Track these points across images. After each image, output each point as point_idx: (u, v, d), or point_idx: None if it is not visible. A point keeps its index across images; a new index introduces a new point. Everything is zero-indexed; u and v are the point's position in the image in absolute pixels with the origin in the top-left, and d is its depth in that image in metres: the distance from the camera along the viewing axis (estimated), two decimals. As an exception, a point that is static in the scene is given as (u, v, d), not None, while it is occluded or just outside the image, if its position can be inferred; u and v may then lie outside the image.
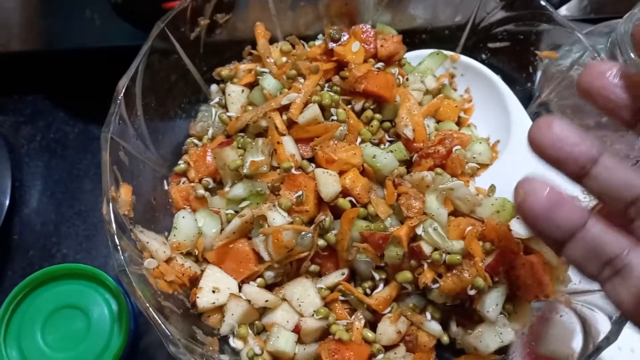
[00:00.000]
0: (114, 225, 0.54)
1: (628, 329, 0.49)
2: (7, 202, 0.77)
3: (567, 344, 0.60)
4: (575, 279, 0.63)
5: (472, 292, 0.60)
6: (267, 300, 0.61)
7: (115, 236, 0.53)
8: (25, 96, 0.88)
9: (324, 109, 0.67)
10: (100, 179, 0.56)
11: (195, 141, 0.73)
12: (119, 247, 0.53)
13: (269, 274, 0.63)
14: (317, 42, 0.77)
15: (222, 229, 0.65)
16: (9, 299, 0.66)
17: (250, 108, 0.70)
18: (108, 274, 0.68)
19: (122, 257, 0.53)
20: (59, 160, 0.85)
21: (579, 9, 0.90)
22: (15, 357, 0.64)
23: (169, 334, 0.51)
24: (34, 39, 0.84)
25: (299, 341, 0.62)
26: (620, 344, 0.71)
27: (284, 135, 0.66)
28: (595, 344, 0.54)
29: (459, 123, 0.75)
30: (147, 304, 0.52)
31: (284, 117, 0.67)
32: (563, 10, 0.90)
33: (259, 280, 0.63)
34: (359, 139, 0.68)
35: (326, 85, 0.71)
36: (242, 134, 0.70)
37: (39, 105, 0.87)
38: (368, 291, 0.64)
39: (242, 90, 0.72)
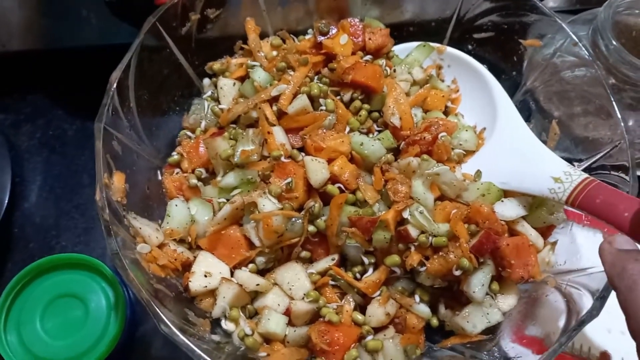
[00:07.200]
0: (107, 211, 0.56)
1: (618, 312, 0.49)
2: (7, 197, 0.78)
3: (554, 323, 0.61)
4: (561, 260, 0.65)
5: (457, 273, 0.61)
6: (258, 284, 0.62)
7: (108, 221, 0.55)
8: (25, 95, 0.90)
9: (313, 99, 0.69)
10: (98, 173, 0.58)
11: (189, 133, 0.74)
12: (112, 232, 0.55)
13: (260, 260, 0.65)
14: (307, 37, 0.79)
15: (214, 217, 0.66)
16: (10, 287, 0.68)
17: (241, 100, 0.72)
18: (106, 264, 0.69)
19: (114, 242, 0.54)
20: (58, 156, 0.86)
21: (565, 0, 0.91)
22: (15, 343, 0.66)
23: (161, 314, 0.53)
24: (32, 39, 0.86)
25: (290, 323, 0.63)
26: (609, 327, 0.73)
27: (274, 125, 0.67)
28: (578, 319, 0.55)
29: (447, 113, 0.77)
30: (140, 286, 0.53)
31: (274, 108, 0.68)
32: (550, 2, 0.91)
33: (250, 265, 0.65)
34: (348, 129, 0.69)
35: (315, 77, 0.73)
36: (234, 125, 0.72)
37: (38, 103, 0.90)
38: (358, 275, 0.65)
39: (234, 84, 0.74)
